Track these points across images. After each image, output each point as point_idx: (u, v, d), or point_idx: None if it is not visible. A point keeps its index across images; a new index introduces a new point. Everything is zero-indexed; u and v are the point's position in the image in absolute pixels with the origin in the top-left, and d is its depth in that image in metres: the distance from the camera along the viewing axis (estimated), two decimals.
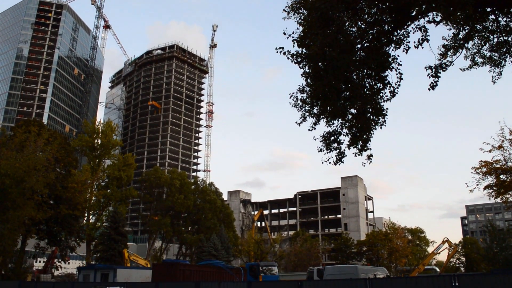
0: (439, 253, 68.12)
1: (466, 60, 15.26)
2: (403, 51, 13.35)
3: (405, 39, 13.34)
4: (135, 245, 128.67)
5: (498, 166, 39.00)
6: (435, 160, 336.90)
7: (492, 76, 15.24)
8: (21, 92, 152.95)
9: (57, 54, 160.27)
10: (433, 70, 13.63)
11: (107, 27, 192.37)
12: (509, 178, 38.99)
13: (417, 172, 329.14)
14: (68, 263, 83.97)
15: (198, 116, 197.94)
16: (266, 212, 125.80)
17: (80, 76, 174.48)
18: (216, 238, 69.10)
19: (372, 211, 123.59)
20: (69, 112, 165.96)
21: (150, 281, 31.63)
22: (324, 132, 15.31)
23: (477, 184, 39.02)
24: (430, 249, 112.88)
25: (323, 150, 15.59)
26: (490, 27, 14.15)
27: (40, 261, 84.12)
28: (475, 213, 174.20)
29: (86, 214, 63.96)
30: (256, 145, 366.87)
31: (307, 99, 14.51)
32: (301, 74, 14.13)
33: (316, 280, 29.55)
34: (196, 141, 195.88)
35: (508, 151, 38.38)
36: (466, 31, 14.25)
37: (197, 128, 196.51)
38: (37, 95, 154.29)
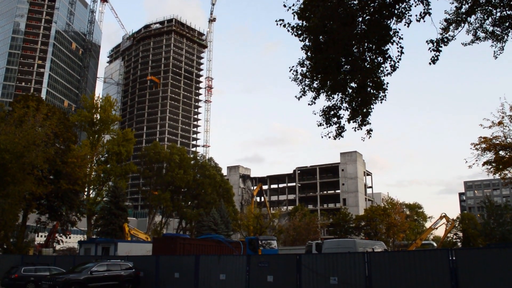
0: (436, 228, 68.79)
1: (468, 34, 15.10)
2: (405, 24, 13.19)
3: (406, 12, 13.16)
4: (136, 220, 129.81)
5: (497, 142, 39.09)
6: (435, 137, 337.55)
7: (494, 51, 15.10)
8: (18, 67, 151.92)
9: (54, 28, 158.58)
10: (435, 44, 13.49)
11: (104, 0, 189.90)
12: (508, 154, 39.12)
13: (416, 149, 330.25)
14: (69, 238, 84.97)
15: (197, 91, 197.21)
16: (265, 187, 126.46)
17: (78, 51, 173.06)
18: (215, 213, 69.69)
19: (371, 187, 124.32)
20: (67, 87, 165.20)
21: (151, 255, 32.01)
22: (324, 106, 15.27)
23: (476, 160, 39.22)
24: (428, 225, 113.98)
25: (323, 125, 15.56)
26: (493, 1, 13.96)
27: (41, 236, 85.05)
28: (473, 189, 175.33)
29: (86, 189, 64.35)
30: (256, 120, 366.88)
31: (307, 73, 14.42)
32: (301, 47, 14.00)
33: (315, 253, 29.92)
34: (195, 116, 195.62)
35: (508, 127, 38.40)
36: (469, 4, 14.06)
37: (196, 103, 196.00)
38: (35, 70, 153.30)
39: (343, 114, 15.30)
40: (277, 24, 13.45)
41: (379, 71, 14.09)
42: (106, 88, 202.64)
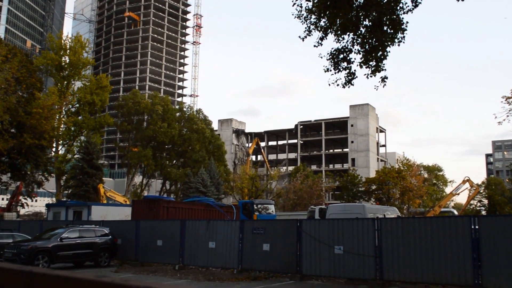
0: (458, 194, 69.55)
1: None
2: None
3: None
4: (112, 181, 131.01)
5: None
6: (459, 89, 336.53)
7: None
8: None
9: None
10: None
11: None
12: None
13: (437, 102, 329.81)
14: (36, 201, 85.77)
15: (184, 30, 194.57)
16: (262, 144, 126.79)
17: None
18: (204, 173, 70.19)
19: (384, 145, 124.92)
20: (30, 25, 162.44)
21: (130, 220, 32.40)
22: (332, 48, 15.10)
23: (507, 115, 39.15)
24: (448, 190, 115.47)
25: (331, 70, 15.45)
26: None
27: (3, 198, 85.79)
28: (502, 150, 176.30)
29: (54, 145, 64.41)
30: (252, 67, 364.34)
31: (314, 8, 14.15)
32: None
33: (318, 219, 30.32)
34: (182, 60, 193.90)
35: None
36: None
37: (183, 45, 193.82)
38: None
39: (354, 58, 15.15)
40: None
41: (398, 7, 13.84)
42: (76, 26, 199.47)
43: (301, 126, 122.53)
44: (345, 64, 15.07)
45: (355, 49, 14.83)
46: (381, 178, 79.97)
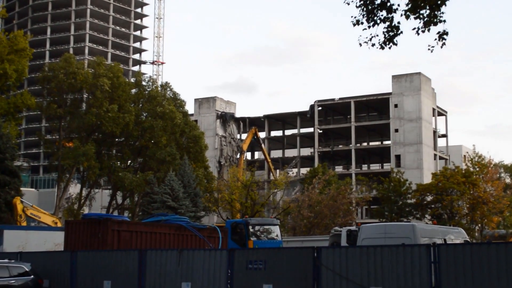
0: None
1: None
2: None
3: None
4: (36, 192, 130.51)
5: None
6: None
7: None
8: None
9: None
10: None
11: None
12: None
13: None
14: None
15: None
16: (262, 135, 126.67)
17: None
18: (175, 180, 70.05)
19: (445, 135, 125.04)
20: None
21: (62, 250, 32.38)
22: None
23: None
24: None
25: (362, 23, 15.45)
26: None
27: None
28: None
29: None
30: (243, 20, 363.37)
31: None
32: None
33: (345, 247, 30.39)
34: (139, 10, 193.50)
35: None
36: None
37: None
38: None
39: (398, 5, 15.17)
40: None
41: None
42: None
43: (320, 108, 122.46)
44: (384, 13, 15.08)
45: None
46: (440, 185, 79.91)
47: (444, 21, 15.04)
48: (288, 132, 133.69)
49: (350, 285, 20.35)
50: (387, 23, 15.31)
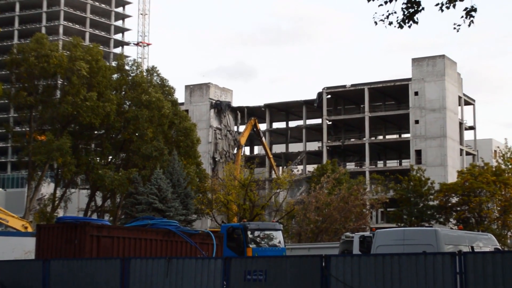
0: None
1: None
2: None
3: None
4: (3, 192, 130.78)
5: None
6: None
7: None
8: None
9: None
10: None
11: None
12: None
13: None
14: None
15: None
16: (263, 127, 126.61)
17: None
18: (163, 178, 70.11)
19: (473, 128, 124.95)
20: None
21: (33, 259, 32.31)
22: None
23: None
24: None
25: None
26: None
27: None
28: None
29: None
30: None
31: None
32: None
33: (358, 255, 30.39)
34: None
35: None
36: None
37: None
38: None
39: None
40: None
41: None
42: None
43: (329, 96, 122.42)
44: None
45: None
46: (467, 184, 79.90)
47: None
48: (293, 123, 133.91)
49: None
50: None
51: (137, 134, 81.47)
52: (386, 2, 15.32)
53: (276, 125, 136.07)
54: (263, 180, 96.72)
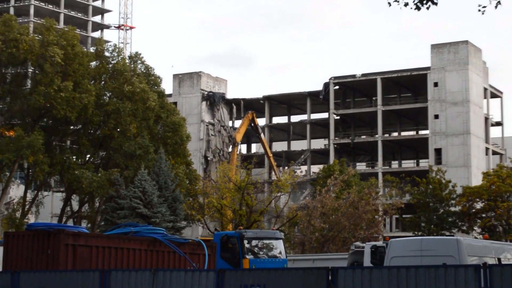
0: None
1: None
2: None
3: None
4: None
5: None
6: None
7: None
8: None
9: None
10: None
11: None
12: None
13: None
14: None
15: None
16: (261, 122, 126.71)
17: None
18: (148, 179, 70.28)
19: (500, 123, 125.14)
20: None
21: (1, 270, 32.38)
22: None
23: None
24: None
25: None
26: None
27: None
28: None
29: None
30: None
31: None
32: None
33: (370, 267, 30.55)
34: None
35: None
36: None
37: None
38: None
39: None
40: None
41: None
42: None
43: (336, 87, 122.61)
44: None
45: None
46: (494, 188, 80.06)
47: None
48: (295, 118, 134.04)
49: None
50: None
51: (118, 129, 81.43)
52: None
53: (276, 119, 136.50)
54: (261, 182, 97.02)
